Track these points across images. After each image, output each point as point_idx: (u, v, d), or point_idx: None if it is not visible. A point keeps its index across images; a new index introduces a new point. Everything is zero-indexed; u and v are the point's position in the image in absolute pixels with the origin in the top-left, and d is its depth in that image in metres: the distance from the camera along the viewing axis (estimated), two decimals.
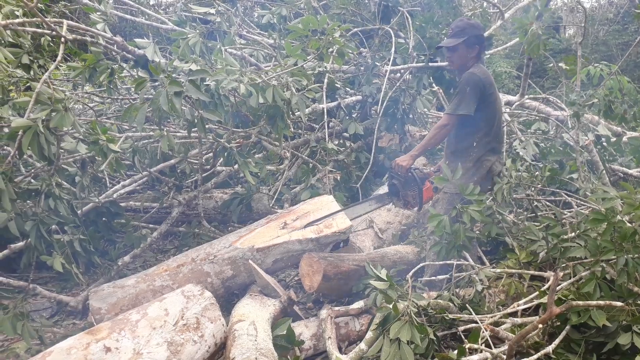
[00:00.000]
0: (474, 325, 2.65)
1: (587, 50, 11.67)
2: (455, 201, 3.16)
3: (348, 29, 4.90)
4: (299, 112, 3.60)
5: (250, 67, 4.32)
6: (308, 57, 3.84)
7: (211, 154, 4.58)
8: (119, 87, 3.82)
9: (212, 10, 3.70)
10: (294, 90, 3.39)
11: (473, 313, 2.69)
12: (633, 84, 4.68)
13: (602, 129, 4.69)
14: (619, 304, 2.37)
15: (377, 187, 4.70)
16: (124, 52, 3.10)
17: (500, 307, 2.93)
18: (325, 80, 4.62)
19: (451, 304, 2.86)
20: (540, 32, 4.13)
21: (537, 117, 5.40)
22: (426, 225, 3.52)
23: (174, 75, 2.78)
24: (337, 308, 2.96)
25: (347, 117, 4.94)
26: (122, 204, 4.01)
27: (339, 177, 4.73)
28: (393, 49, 4.92)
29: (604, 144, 4.49)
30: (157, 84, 2.77)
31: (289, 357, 2.64)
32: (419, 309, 2.64)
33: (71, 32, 2.90)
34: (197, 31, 3.30)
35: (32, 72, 3.13)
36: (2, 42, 2.85)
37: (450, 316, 2.74)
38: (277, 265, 3.32)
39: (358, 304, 3.03)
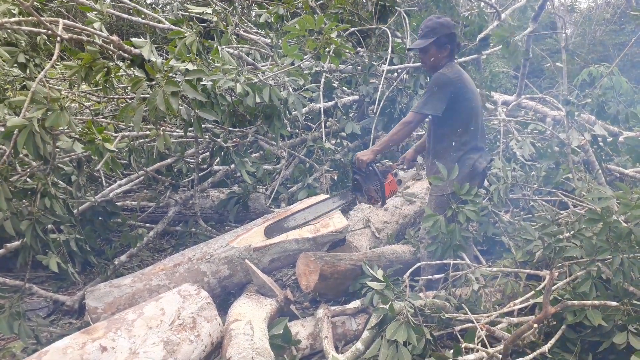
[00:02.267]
0: (470, 324, 2.66)
1: (584, 51, 11.69)
2: (442, 202, 3.15)
3: (346, 28, 4.91)
4: (295, 112, 3.61)
5: (247, 66, 4.32)
6: (305, 57, 3.85)
7: (208, 154, 4.58)
8: (115, 86, 3.82)
9: (209, 10, 3.70)
10: (290, 90, 3.39)
11: (469, 313, 2.69)
12: (630, 84, 4.70)
13: (599, 128, 4.71)
14: (614, 303, 2.37)
15: None
16: (121, 51, 3.09)
17: (497, 307, 2.93)
18: (322, 80, 4.63)
19: (447, 304, 2.86)
20: (520, 43, 4.16)
21: (533, 117, 5.42)
22: (421, 225, 3.51)
23: (170, 74, 2.78)
24: (333, 307, 2.97)
25: (344, 117, 4.95)
26: (118, 203, 4.01)
27: (335, 177, 4.74)
28: (390, 49, 4.93)
29: (601, 143, 4.50)
30: (153, 83, 2.76)
31: (285, 356, 2.64)
32: (416, 309, 2.64)
33: (67, 31, 2.89)
34: (194, 30, 3.29)
35: (28, 71, 3.12)
36: None
37: (447, 316, 2.75)
38: (273, 264, 3.32)
39: (355, 304, 3.03)
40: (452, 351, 2.30)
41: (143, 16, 4.16)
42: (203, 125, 3.22)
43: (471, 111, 3.15)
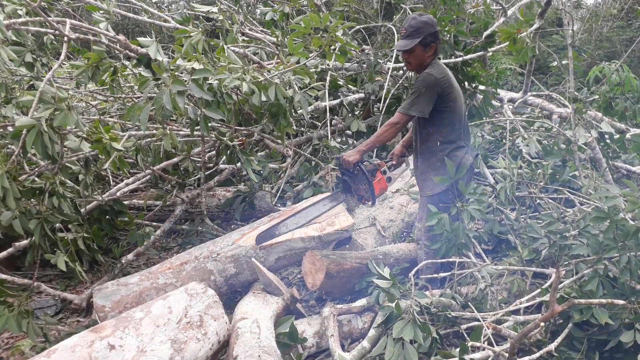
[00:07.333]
0: (476, 323, 2.66)
1: (590, 47, 11.63)
2: (434, 202, 3.14)
3: (351, 26, 4.90)
4: (301, 110, 3.61)
5: (252, 65, 4.32)
6: (310, 55, 3.84)
7: (214, 152, 4.59)
8: (121, 85, 3.83)
9: (215, 9, 3.70)
10: (296, 88, 3.39)
11: (475, 311, 2.69)
12: (638, 80, 4.67)
13: (606, 125, 4.68)
14: (621, 302, 2.37)
15: None
16: (127, 51, 3.11)
17: (503, 305, 2.93)
18: (328, 78, 4.63)
19: (454, 302, 2.86)
20: (529, 40, 4.12)
21: (540, 114, 5.40)
22: (415, 226, 3.49)
23: (177, 74, 2.79)
24: (339, 306, 2.97)
25: (349, 115, 4.94)
26: (125, 202, 4.03)
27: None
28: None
29: (608, 140, 4.47)
30: (160, 82, 2.77)
31: (291, 354, 2.65)
32: (422, 307, 2.64)
33: (74, 31, 2.91)
34: (200, 29, 3.30)
35: (35, 71, 3.14)
36: (6, 41, 2.86)
37: (453, 314, 2.75)
38: (279, 263, 3.33)
39: (361, 302, 3.03)
40: (458, 349, 2.30)
41: (149, 15, 4.18)
42: (209, 124, 3.22)
43: (456, 110, 3.13)
